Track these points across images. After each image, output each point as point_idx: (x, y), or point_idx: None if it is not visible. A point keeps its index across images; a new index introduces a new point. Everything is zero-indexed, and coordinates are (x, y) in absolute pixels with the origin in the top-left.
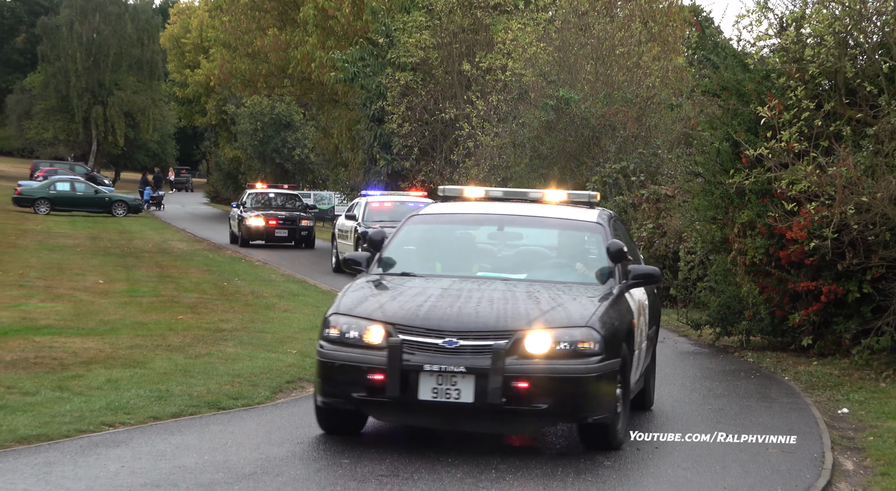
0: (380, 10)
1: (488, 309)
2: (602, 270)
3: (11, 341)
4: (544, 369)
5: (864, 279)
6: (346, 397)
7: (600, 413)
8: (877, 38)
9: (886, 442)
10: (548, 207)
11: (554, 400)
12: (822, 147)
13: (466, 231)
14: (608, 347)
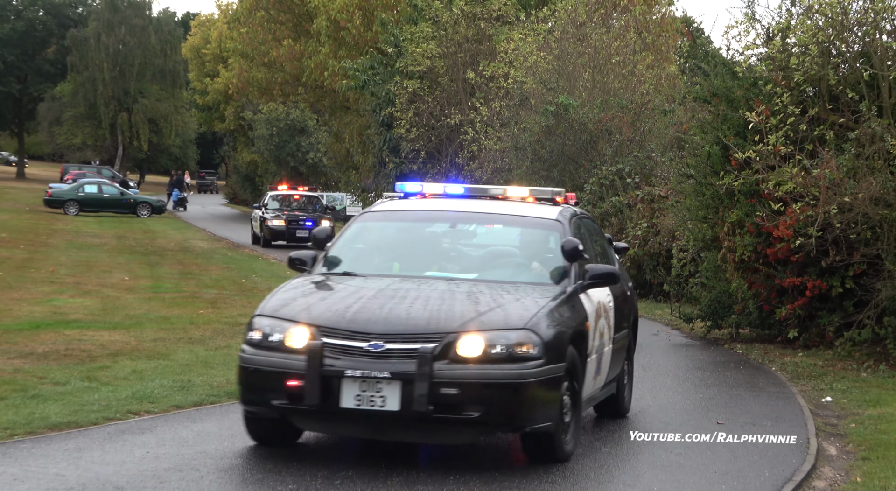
0: (389, 21)
1: (421, 310)
2: (557, 269)
3: (43, 334)
4: (477, 375)
5: (847, 275)
6: (266, 405)
7: (541, 422)
8: (858, 48)
9: (867, 428)
10: (507, 204)
11: (487, 408)
12: (807, 150)
13: (417, 229)
14: (550, 351)
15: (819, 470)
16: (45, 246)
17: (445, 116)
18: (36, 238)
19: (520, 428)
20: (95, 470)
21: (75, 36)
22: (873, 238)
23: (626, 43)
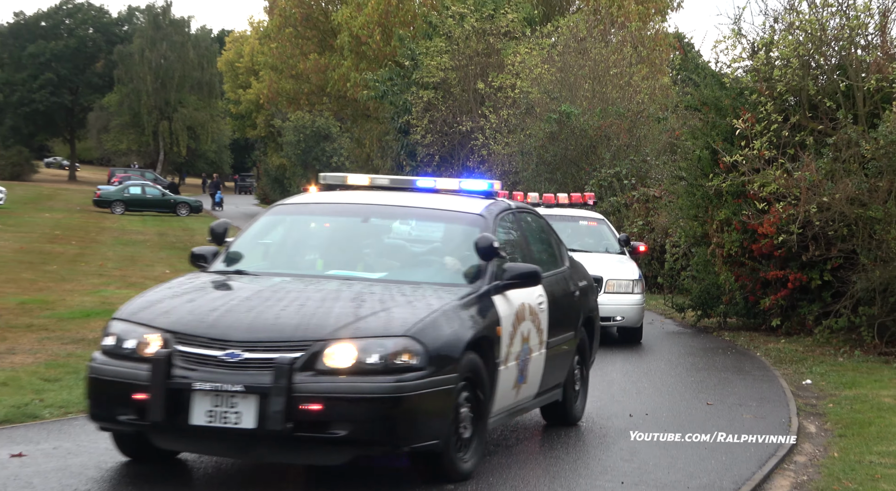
0: (406, 37)
1: (292, 315)
2: (472, 269)
3: (93, 322)
4: (345, 388)
5: (825, 269)
6: (114, 421)
7: (424, 440)
8: (835, 61)
9: (844, 408)
10: (431, 198)
11: (356, 426)
12: (789, 154)
13: (328, 223)
14: (438, 360)
15: (800, 446)
16: (95, 242)
17: (457, 123)
18: (86, 235)
19: (398, 447)
20: None
21: (121, 51)
22: (849, 235)
23: (622, 56)
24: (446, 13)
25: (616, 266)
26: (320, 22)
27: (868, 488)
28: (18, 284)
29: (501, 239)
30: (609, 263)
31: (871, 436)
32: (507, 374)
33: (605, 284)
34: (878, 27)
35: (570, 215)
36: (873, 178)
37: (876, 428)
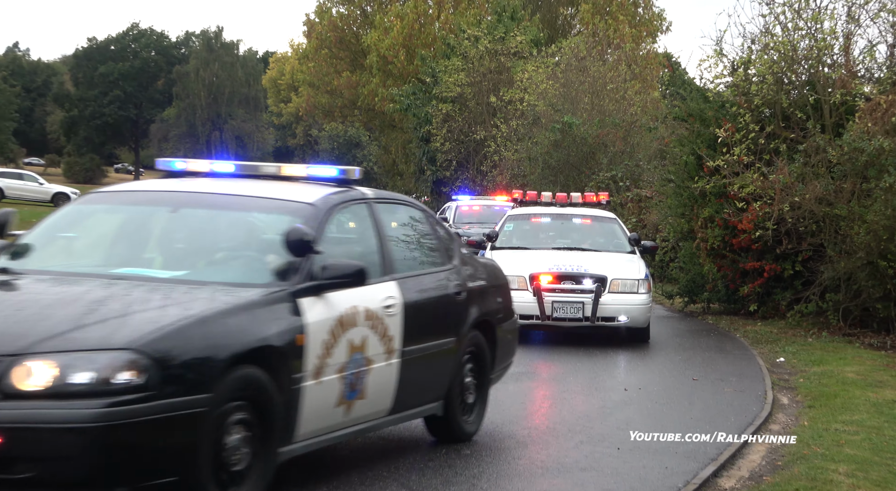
0: (427, 57)
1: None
2: (282, 266)
3: None
4: (31, 416)
5: (797, 260)
6: None
7: (154, 479)
8: (805, 77)
9: (813, 382)
10: (267, 186)
11: (46, 464)
12: (765, 160)
13: (133, 214)
14: (179, 379)
15: (774, 416)
16: None
17: (472, 132)
18: None
19: (112, 488)
20: None
21: (179, 71)
22: (817, 230)
23: (618, 73)
24: (463, 36)
25: (621, 265)
26: (352, 44)
27: (834, 452)
28: None
29: (334, 233)
30: (615, 262)
31: (836, 407)
32: (320, 390)
33: (610, 284)
34: (842, 48)
35: (581, 214)
36: (838, 181)
37: (841, 400)
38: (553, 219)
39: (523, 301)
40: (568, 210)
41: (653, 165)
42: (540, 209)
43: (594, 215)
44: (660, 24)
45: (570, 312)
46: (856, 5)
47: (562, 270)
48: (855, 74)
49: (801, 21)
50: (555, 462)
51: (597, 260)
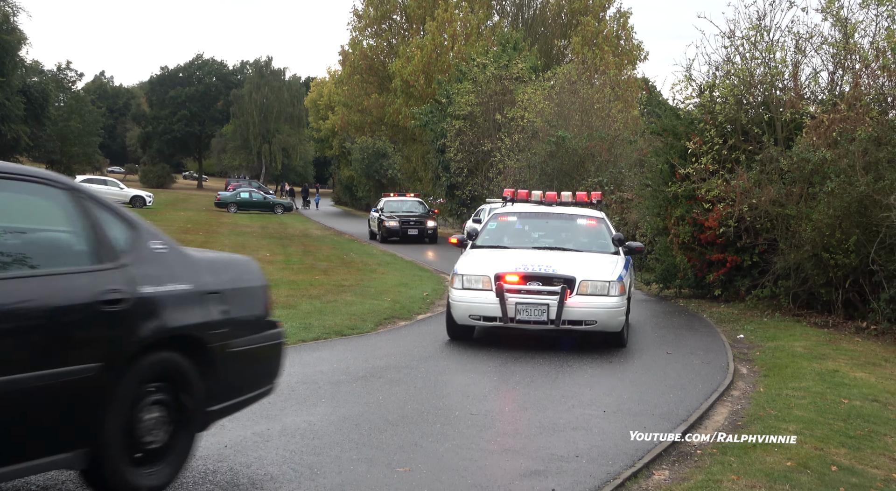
0: (443, 81)
1: None
2: None
3: None
4: None
5: (754, 252)
6: None
7: None
8: (760, 99)
9: (767, 355)
10: None
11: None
12: (727, 168)
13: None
14: None
15: (735, 384)
16: (216, 233)
17: (481, 145)
18: (209, 228)
19: None
20: None
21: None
22: (771, 227)
23: (603, 95)
24: (473, 63)
25: (595, 266)
26: (379, 70)
27: (785, 414)
28: None
29: None
30: (590, 263)
31: (787, 376)
32: None
33: (578, 286)
34: (791, 75)
35: (568, 214)
36: (789, 186)
37: (791, 370)
38: (538, 218)
39: (486, 302)
40: (555, 209)
41: (633, 172)
42: (527, 208)
43: (581, 214)
44: (638, 53)
45: (533, 314)
46: (802, 39)
47: (528, 270)
48: (802, 96)
49: (757, 52)
50: (550, 423)
51: (569, 260)
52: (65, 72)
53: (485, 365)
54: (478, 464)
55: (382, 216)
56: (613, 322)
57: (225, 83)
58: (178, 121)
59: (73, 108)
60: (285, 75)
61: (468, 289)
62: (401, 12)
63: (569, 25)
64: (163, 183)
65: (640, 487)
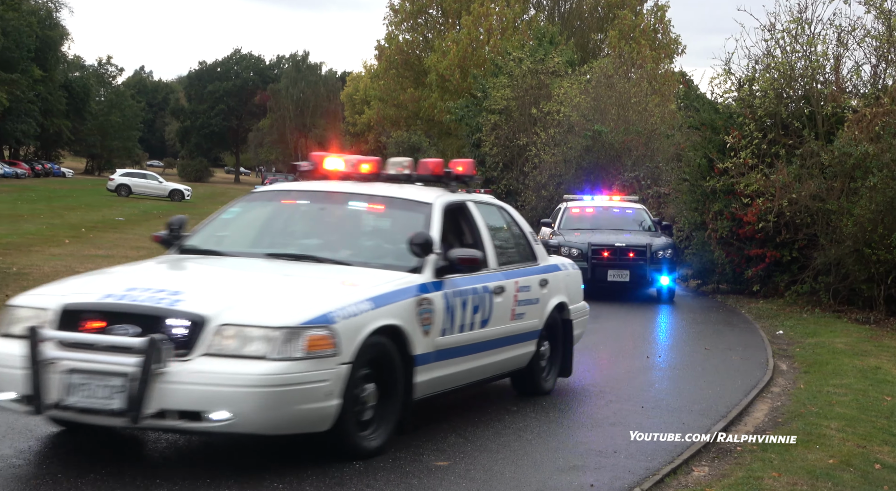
0: (478, 75)
1: None
2: None
3: None
4: None
5: (794, 248)
6: None
7: None
8: (801, 93)
9: (807, 351)
10: None
11: None
12: (767, 162)
13: None
14: None
15: (775, 380)
16: None
17: (516, 139)
18: None
19: None
20: None
21: (272, 88)
22: (812, 222)
23: (640, 89)
24: (509, 57)
25: (284, 293)
26: (415, 65)
27: (826, 411)
28: None
29: None
30: (294, 285)
31: (828, 372)
32: None
33: (206, 336)
34: (832, 68)
35: (364, 194)
36: (830, 181)
37: (832, 366)
38: (313, 203)
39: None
40: (352, 187)
41: (670, 167)
42: (299, 185)
43: (375, 194)
44: (676, 47)
45: (90, 396)
46: (844, 32)
47: (116, 301)
48: (844, 90)
49: (798, 45)
50: (588, 418)
51: (217, 282)
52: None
53: None
54: (516, 457)
55: None
56: (258, 417)
57: (262, 78)
58: (216, 115)
59: (114, 102)
60: (321, 70)
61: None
62: (437, 7)
63: (605, 19)
64: (200, 177)
65: (679, 484)
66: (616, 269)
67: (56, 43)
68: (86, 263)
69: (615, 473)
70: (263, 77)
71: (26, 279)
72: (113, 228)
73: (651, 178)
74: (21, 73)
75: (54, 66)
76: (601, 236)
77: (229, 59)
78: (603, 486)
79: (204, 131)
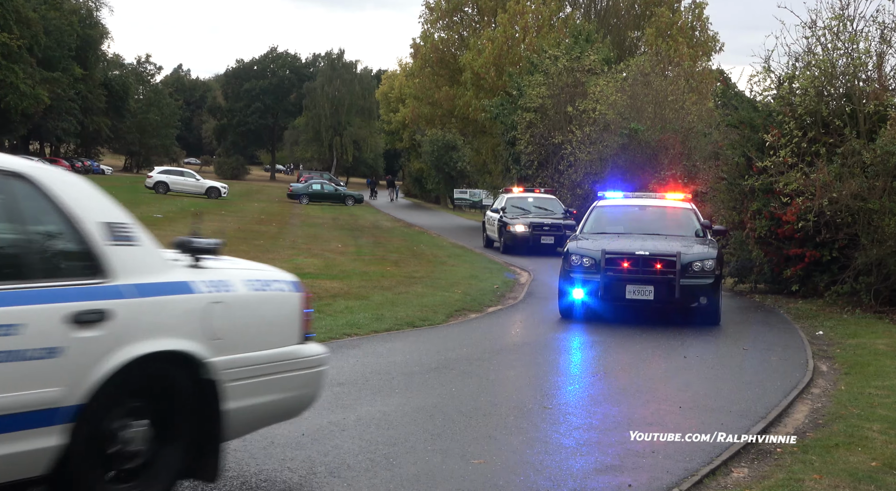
0: (514, 73)
1: None
2: None
3: None
4: None
5: (834, 247)
6: None
7: None
8: (842, 90)
9: (848, 352)
10: None
11: None
12: (807, 161)
13: None
14: None
15: (815, 381)
16: (288, 224)
17: (552, 137)
18: (282, 219)
19: None
20: None
21: (308, 87)
22: (852, 222)
23: (677, 87)
24: (544, 55)
25: None
26: (450, 63)
27: (868, 413)
28: (237, 254)
29: None
30: None
31: (869, 374)
32: None
33: None
34: (875, 66)
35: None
36: (871, 180)
37: (873, 368)
38: None
39: None
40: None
41: (707, 165)
42: None
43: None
44: (714, 44)
45: None
46: (888, 29)
47: None
48: (886, 88)
49: (840, 42)
50: (625, 418)
51: None
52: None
53: (556, 358)
54: (552, 458)
55: (505, 218)
56: None
57: (298, 76)
58: (252, 113)
59: (152, 100)
60: (357, 68)
61: None
62: (472, 4)
63: (642, 17)
64: (237, 174)
65: (718, 485)
66: (637, 283)
67: (96, 42)
68: None
69: (653, 474)
70: (299, 75)
71: None
72: (151, 225)
73: (688, 177)
74: (62, 72)
75: (94, 64)
76: (621, 242)
77: (265, 58)
78: (641, 486)
79: (240, 129)
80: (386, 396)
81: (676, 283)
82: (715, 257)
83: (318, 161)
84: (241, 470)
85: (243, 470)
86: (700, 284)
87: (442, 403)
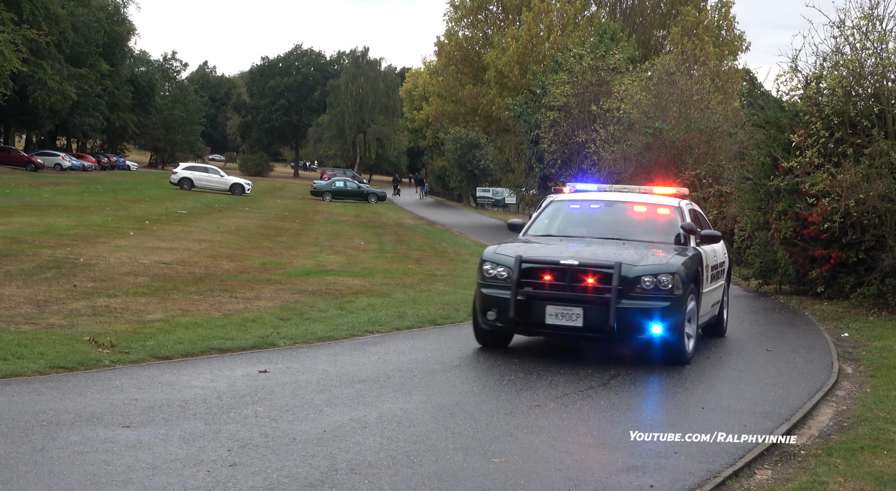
0: (538, 71)
1: None
2: None
3: (312, 279)
4: None
5: (860, 249)
6: None
7: None
8: (871, 91)
9: (874, 355)
10: None
11: None
12: (833, 162)
13: None
14: None
15: (840, 384)
16: (311, 221)
17: (575, 136)
18: (305, 216)
19: None
20: (346, 367)
21: (332, 84)
22: (879, 223)
23: (703, 86)
24: (569, 54)
25: None
26: (474, 61)
27: (894, 416)
28: (260, 250)
29: None
30: None
31: (895, 377)
32: None
33: None
34: None
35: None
36: None
37: None
38: None
39: None
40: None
41: (733, 165)
42: None
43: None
44: (740, 44)
45: None
46: None
47: None
48: None
49: (868, 42)
50: (648, 419)
51: None
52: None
53: (577, 359)
54: (574, 457)
55: None
56: None
57: (322, 73)
58: (277, 110)
59: (178, 97)
60: (381, 66)
61: None
62: (497, 3)
63: (668, 15)
64: (260, 171)
65: (741, 487)
66: (561, 304)
67: (123, 38)
68: (149, 255)
69: (675, 475)
70: (323, 73)
71: (93, 270)
72: (176, 221)
73: (713, 177)
74: (89, 68)
75: (121, 61)
76: (550, 248)
77: (290, 55)
78: (663, 487)
79: (265, 126)
80: (407, 394)
81: (612, 305)
82: (676, 271)
83: (342, 158)
84: (263, 466)
85: (265, 466)
86: (647, 308)
87: (463, 401)
